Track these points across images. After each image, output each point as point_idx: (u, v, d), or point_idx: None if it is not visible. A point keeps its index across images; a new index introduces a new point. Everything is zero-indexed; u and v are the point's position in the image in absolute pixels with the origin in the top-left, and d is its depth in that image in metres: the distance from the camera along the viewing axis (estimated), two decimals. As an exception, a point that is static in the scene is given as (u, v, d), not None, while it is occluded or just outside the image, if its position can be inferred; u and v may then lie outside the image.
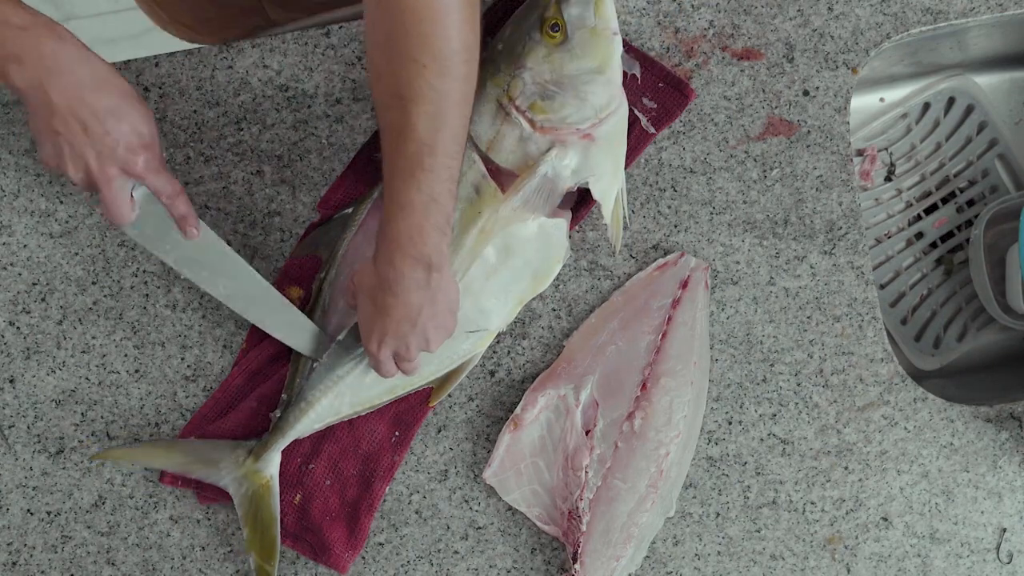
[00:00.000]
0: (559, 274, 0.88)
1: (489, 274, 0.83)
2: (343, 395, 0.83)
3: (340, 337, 0.82)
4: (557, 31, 0.79)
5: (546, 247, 0.84)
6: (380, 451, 0.85)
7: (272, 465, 0.82)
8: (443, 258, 0.71)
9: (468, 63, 0.66)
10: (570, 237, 0.88)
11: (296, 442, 0.84)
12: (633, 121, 0.87)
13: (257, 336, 0.86)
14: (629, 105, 0.83)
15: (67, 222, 0.88)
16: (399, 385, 0.84)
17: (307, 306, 0.85)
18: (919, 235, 1.08)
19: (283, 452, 0.83)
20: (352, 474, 0.84)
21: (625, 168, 0.86)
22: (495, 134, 0.81)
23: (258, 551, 0.81)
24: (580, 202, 0.86)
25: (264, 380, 0.85)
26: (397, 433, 0.85)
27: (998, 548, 0.88)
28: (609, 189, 0.82)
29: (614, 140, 0.82)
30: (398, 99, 0.65)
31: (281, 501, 0.83)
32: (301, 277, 0.87)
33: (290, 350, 0.84)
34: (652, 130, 0.89)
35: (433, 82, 0.64)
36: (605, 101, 0.80)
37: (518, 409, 0.85)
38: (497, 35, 0.82)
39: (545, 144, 0.80)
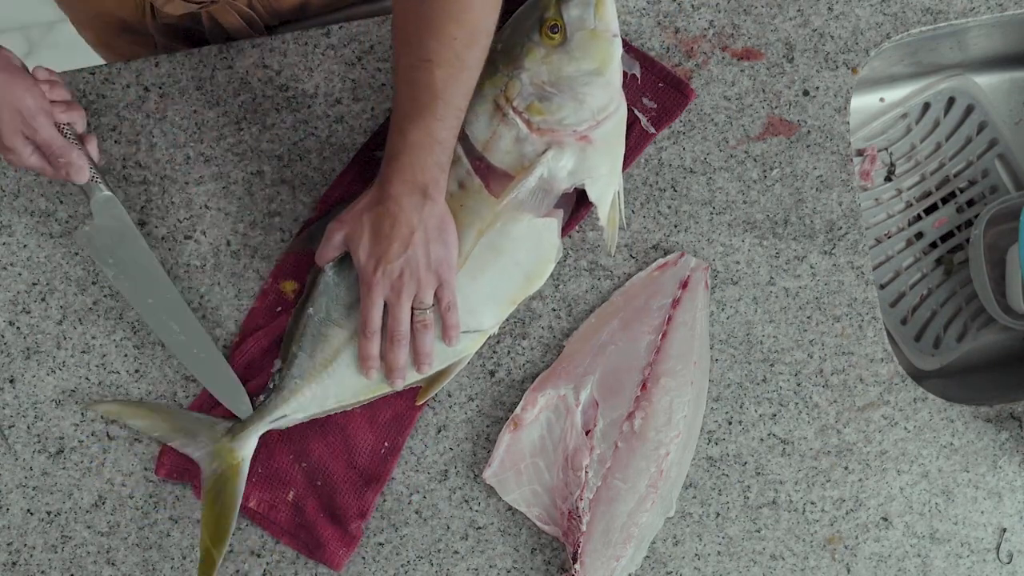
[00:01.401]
0: (559, 274, 0.88)
1: (476, 275, 0.82)
2: (328, 387, 0.82)
3: (319, 314, 0.83)
4: (556, 32, 0.79)
5: (537, 247, 0.83)
6: (370, 462, 0.85)
7: (246, 447, 0.82)
8: (439, 190, 0.77)
9: (488, 38, 0.76)
10: (569, 237, 0.88)
11: (287, 439, 0.84)
12: (633, 121, 0.87)
13: (251, 326, 0.86)
14: (629, 105, 0.83)
15: (67, 222, 0.88)
16: (374, 381, 0.83)
17: (301, 297, 0.86)
18: (919, 235, 1.08)
19: (274, 447, 0.83)
20: (342, 479, 0.84)
21: (625, 168, 0.86)
22: (491, 134, 0.81)
23: (211, 532, 0.81)
24: (580, 203, 0.86)
25: (259, 372, 0.85)
26: (387, 444, 0.85)
27: (998, 548, 0.88)
28: (606, 191, 0.82)
29: (612, 142, 0.82)
30: (425, 62, 0.73)
31: (274, 497, 0.84)
32: (297, 272, 0.87)
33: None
34: (652, 130, 0.89)
35: (459, 51, 0.73)
36: (603, 103, 0.80)
37: (518, 409, 0.85)
38: (496, 35, 0.82)
39: (541, 145, 0.80)
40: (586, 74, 0.79)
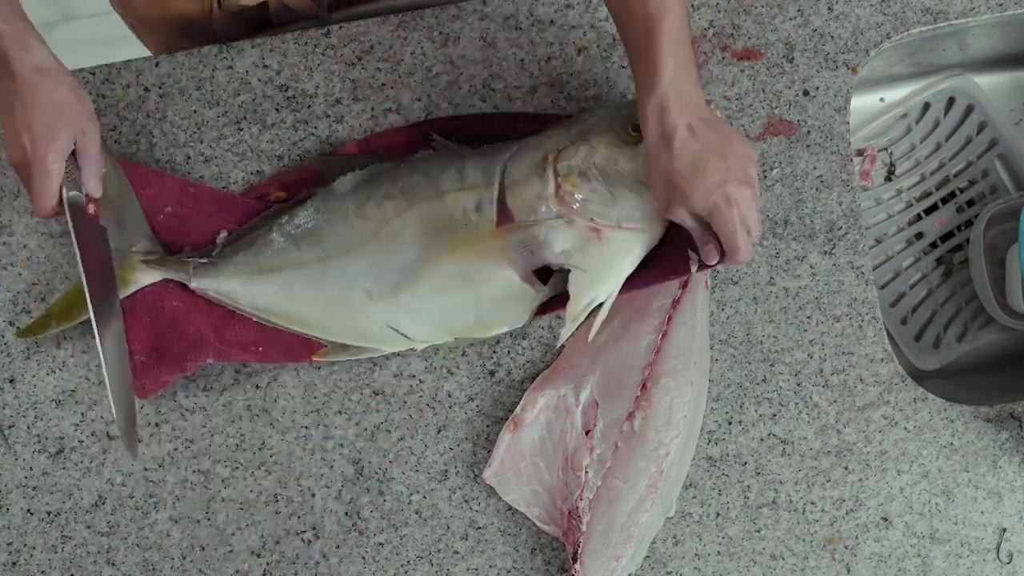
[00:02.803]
0: (559, 274, 0.88)
1: (437, 291, 0.82)
2: (250, 290, 0.84)
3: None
4: (638, 132, 0.77)
5: (503, 303, 0.82)
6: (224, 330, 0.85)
7: (147, 276, 0.83)
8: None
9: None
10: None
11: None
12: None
13: (223, 206, 0.87)
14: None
15: (67, 222, 0.88)
16: (292, 313, 0.84)
17: (286, 204, 0.86)
18: (919, 235, 1.08)
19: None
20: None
21: (623, 291, 0.82)
22: (523, 179, 0.80)
23: (60, 309, 0.83)
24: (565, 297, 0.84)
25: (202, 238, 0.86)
26: (260, 349, 0.85)
27: (998, 548, 0.88)
28: (584, 292, 0.79)
29: (617, 254, 0.80)
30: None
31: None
32: (290, 184, 0.88)
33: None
34: (687, 274, 0.81)
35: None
36: (631, 214, 0.78)
37: (518, 409, 0.85)
38: (587, 111, 0.82)
39: (555, 212, 0.79)
40: (635, 181, 0.77)
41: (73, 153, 0.75)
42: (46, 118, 0.73)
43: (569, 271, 0.80)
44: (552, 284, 0.83)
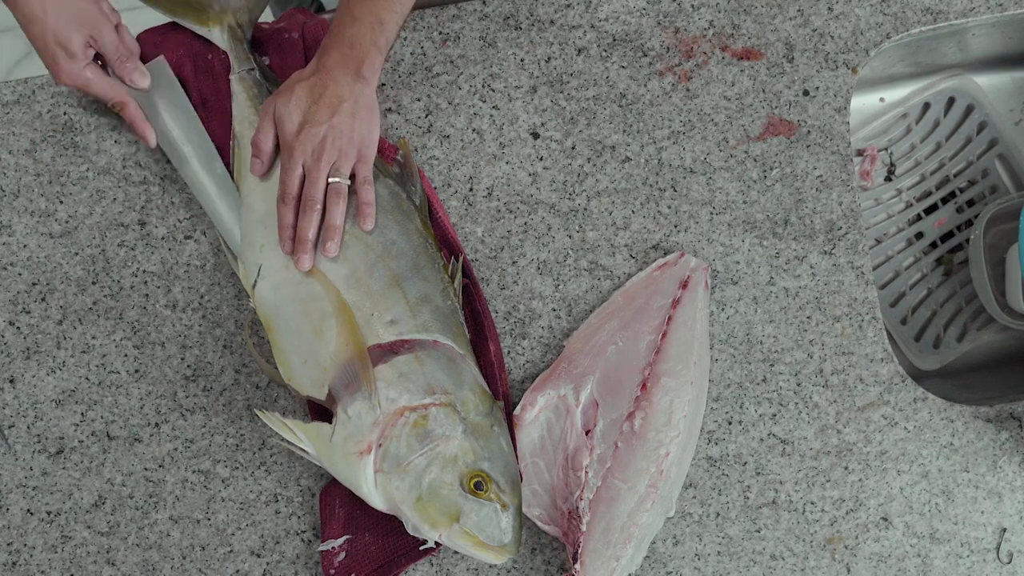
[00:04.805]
0: (559, 274, 0.88)
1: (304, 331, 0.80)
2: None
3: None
4: (480, 489, 0.76)
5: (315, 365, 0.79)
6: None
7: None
8: (372, 73, 0.80)
9: None
10: (569, 236, 0.87)
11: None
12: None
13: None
14: None
15: (67, 222, 0.88)
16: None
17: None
18: (919, 235, 1.08)
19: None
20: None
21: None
22: (385, 412, 0.78)
23: None
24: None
25: None
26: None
27: (998, 548, 0.88)
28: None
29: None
30: None
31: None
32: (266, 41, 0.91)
33: None
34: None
35: None
36: (417, 524, 0.77)
37: (518, 409, 0.85)
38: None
39: (378, 429, 0.77)
40: (440, 488, 0.76)
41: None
42: (59, 34, 0.80)
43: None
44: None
